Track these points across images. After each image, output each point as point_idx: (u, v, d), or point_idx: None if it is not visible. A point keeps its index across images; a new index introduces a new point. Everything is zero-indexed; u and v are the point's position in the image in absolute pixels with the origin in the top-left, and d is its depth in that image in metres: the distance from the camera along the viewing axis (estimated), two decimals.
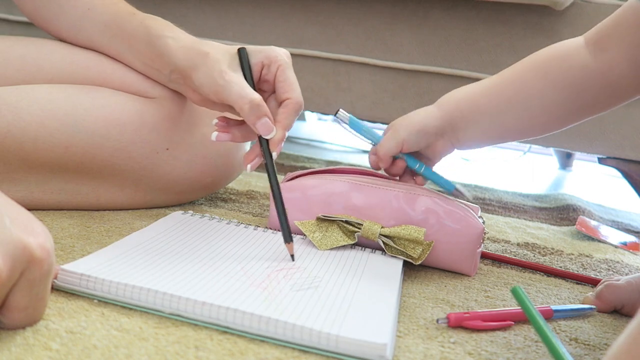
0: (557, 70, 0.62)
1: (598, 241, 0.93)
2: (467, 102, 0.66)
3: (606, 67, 0.60)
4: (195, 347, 0.41)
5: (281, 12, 1.22)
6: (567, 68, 0.61)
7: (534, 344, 0.51)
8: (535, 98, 0.62)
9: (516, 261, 0.74)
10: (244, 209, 0.81)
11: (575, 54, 0.61)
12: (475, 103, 0.65)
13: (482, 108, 0.65)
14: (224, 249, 0.58)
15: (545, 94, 0.62)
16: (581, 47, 0.62)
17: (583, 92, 0.61)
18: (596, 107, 0.63)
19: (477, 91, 0.66)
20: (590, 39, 0.61)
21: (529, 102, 0.63)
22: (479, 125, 0.65)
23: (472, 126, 0.65)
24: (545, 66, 0.63)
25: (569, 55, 0.62)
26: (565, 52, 0.63)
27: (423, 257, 0.63)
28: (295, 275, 0.54)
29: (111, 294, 0.45)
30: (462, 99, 0.66)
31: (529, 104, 0.63)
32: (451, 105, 0.66)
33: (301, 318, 0.44)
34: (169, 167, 0.70)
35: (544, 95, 0.62)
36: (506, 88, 0.64)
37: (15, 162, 0.62)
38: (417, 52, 1.16)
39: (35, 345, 0.38)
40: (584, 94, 0.61)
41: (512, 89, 0.64)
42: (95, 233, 0.62)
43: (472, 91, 0.66)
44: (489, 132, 0.66)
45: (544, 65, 0.63)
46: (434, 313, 0.54)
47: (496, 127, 0.65)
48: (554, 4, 1.03)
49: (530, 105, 0.63)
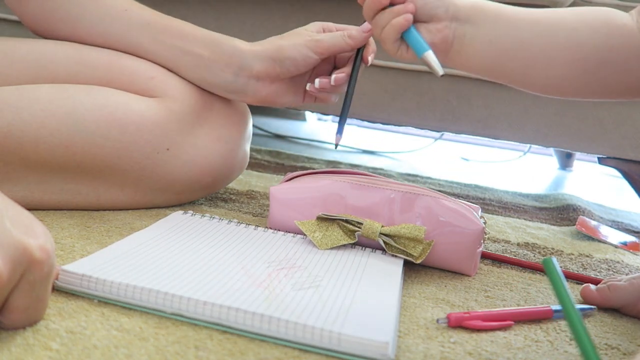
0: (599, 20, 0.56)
1: (598, 241, 0.93)
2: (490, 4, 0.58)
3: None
4: (195, 347, 0.41)
5: (281, 12, 1.22)
6: (608, 20, 0.56)
7: (534, 343, 0.51)
8: (567, 35, 0.56)
9: (516, 261, 0.74)
10: (244, 209, 0.81)
11: (620, 15, 0.57)
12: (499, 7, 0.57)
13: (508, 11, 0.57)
14: (224, 248, 0.58)
15: (579, 35, 0.55)
16: (625, 14, 0.57)
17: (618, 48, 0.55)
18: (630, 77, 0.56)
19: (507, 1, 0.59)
20: (635, 10, 0.57)
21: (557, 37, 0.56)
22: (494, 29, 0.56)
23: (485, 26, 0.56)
24: (588, 14, 0.57)
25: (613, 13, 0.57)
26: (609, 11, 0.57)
27: (423, 256, 0.63)
28: (296, 274, 0.54)
29: (112, 294, 0.45)
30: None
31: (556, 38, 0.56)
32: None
33: (302, 316, 0.44)
34: (170, 168, 0.70)
35: (577, 35, 0.55)
36: (539, 15, 0.57)
37: (16, 162, 0.62)
38: None
39: (36, 345, 0.38)
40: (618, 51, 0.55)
41: (545, 18, 0.57)
42: (95, 233, 0.62)
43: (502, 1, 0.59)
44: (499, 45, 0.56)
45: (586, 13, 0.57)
46: (434, 313, 0.54)
47: (510, 44, 0.56)
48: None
49: (559, 39, 0.56)
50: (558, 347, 0.51)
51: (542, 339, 0.52)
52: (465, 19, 0.56)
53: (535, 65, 0.56)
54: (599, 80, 0.56)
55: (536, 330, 0.54)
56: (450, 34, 0.56)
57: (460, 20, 0.56)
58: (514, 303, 0.60)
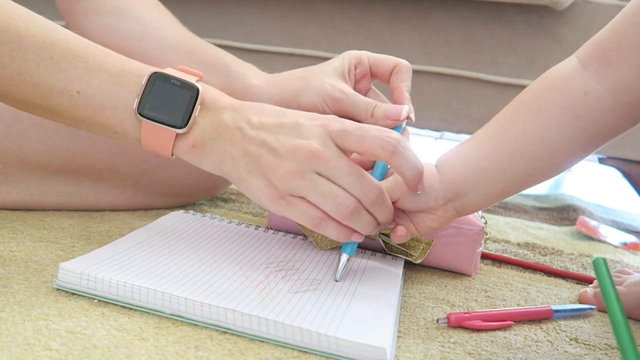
0: (556, 106, 0.52)
1: (598, 241, 0.93)
2: (466, 167, 0.56)
3: (617, 86, 0.49)
4: (195, 347, 0.41)
5: (281, 12, 1.22)
6: (566, 101, 0.51)
7: (534, 343, 0.51)
8: (540, 141, 0.53)
9: (516, 261, 0.74)
10: (244, 209, 0.81)
11: (573, 80, 0.51)
12: (474, 165, 0.56)
13: (484, 169, 0.55)
14: (223, 248, 0.58)
15: (550, 136, 0.52)
16: (577, 70, 0.51)
17: (593, 122, 0.51)
18: (616, 132, 0.53)
19: (474, 150, 0.57)
20: (588, 58, 0.51)
21: (533, 149, 0.53)
22: (484, 187, 0.55)
23: (477, 190, 0.55)
24: (541, 103, 0.53)
25: (566, 83, 0.52)
26: (561, 80, 0.52)
27: (423, 255, 0.63)
28: (294, 276, 0.54)
29: (111, 294, 0.45)
30: (460, 164, 0.57)
31: (534, 151, 0.53)
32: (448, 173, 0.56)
33: (297, 320, 0.44)
34: (169, 171, 0.70)
35: (548, 137, 0.52)
36: (503, 138, 0.55)
37: (15, 164, 0.62)
38: (417, 52, 1.16)
39: (36, 345, 0.38)
40: (595, 124, 0.51)
41: (510, 137, 0.54)
42: (95, 233, 0.62)
43: (469, 152, 0.57)
44: (497, 192, 0.56)
45: (540, 102, 0.53)
46: (434, 313, 0.54)
47: (503, 184, 0.55)
48: (554, 4, 1.03)
49: (536, 151, 0.53)
50: (558, 347, 0.51)
51: (542, 339, 0.52)
52: (456, 196, 0.55)
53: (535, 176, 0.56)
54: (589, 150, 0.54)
55: (536, 330, 0.54)
56: (450, 213, 0.56)
57: (452, 200, 0.56)
58: (514, 303, 0.60)
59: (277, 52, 1.22)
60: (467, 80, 1.15)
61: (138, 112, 0.51)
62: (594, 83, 0.50)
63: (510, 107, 0.56)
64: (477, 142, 0.57)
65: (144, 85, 0.51)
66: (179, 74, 0.52)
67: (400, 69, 0.64)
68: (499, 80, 1.13)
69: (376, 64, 0.65)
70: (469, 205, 0.56)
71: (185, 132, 0.51)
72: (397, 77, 0.63)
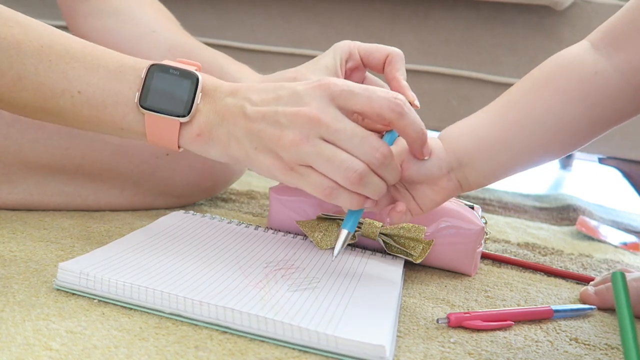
0: (567, 82, 0.53)
1: (598, 241, 0.93)
2: (471, 136, 0.56)
3: (628, 67, 0.51)
4: (195, 347, 0.41)
5: (281, 12, 1.22)
6: (577, 77, 0.52)
7: (534, 343, 0.51)
8: (548, 116, 0.53)
9: (516, 261, 0.74)
10: (244, 209, 0.81)
11: (584, 59, 0.52)
12: (479, 135, 0.56)
13: (489, 139, 0.56)
14: (223, 248, 0.58)
15: (558, 111, 0.53)
16: (588, 51, 0.53)
17: (602, 101, 0.52)
18: (624, 114, 0.53)
19: (480, 121, 0.57)
20: (600, 41, 0.53)
21: (541, 123, 0.54)
22: (488, 159, 0.56)
23: (481, 162, 0.55)
24: (552, 79, 0.54)
25: (577, 62, 0.53)
26: (572, 59, 0.54)
27: (423, 255, 0.63)
28: (294, 275, 0.54)
29: (111, 294, 0.45)
30: (465, 133, 0.57)
31: (541, 125, 0.54)
32: (453, 142, 0.57)
33: (296, 318, 0.44)
34: (169, 172, 0.70)
35: (556, 112, 0.53)
36: (511, 111, 0.55)
37: (15, 164, 0.62)
38: (417, 52, 1.16)
39: (36, 345, 0.38)
40: (603, 103, 0.52)
41: (518, 110, 0.55)
42: (95, 233, 0.62)
43: (475, 122, 0.57)
44: (501, 165, 0.56)
45: (550, 78, 0.54)
46: (434, 313, 0.54)
47: (508, 157, 0.55)
48: (554, 4, 1.03)
49: (543, 126, 0.54)
50: (558, 347, 0.51)
51: (542, 339, 0.52)
52: (460, 165, 0.55)
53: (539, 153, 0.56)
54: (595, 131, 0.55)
55: (536, 330, 0.54)
56: (453, 184, 0.56)
57: (456, 169, 0.55)
58: (514, 303, 0.60)
59: (277, 52, 1.22)
60: (467, 80, 1.15)
61: (140, 104, 0.51)
62: (605, 63, 0.51)
63: (520, 83, 0.56)
64: (484, 114, 0.57)
65: (144, 77, 0.51)
66: (178, 64, 0.53)
67: (392, 59, 0.63)
68: (499, 80, 1.13)
69: (367, 55, 0.65)
70: (472, 178, 0.56)
71: (190, 121, 0.51)
72: (391, 67, 0.63)
